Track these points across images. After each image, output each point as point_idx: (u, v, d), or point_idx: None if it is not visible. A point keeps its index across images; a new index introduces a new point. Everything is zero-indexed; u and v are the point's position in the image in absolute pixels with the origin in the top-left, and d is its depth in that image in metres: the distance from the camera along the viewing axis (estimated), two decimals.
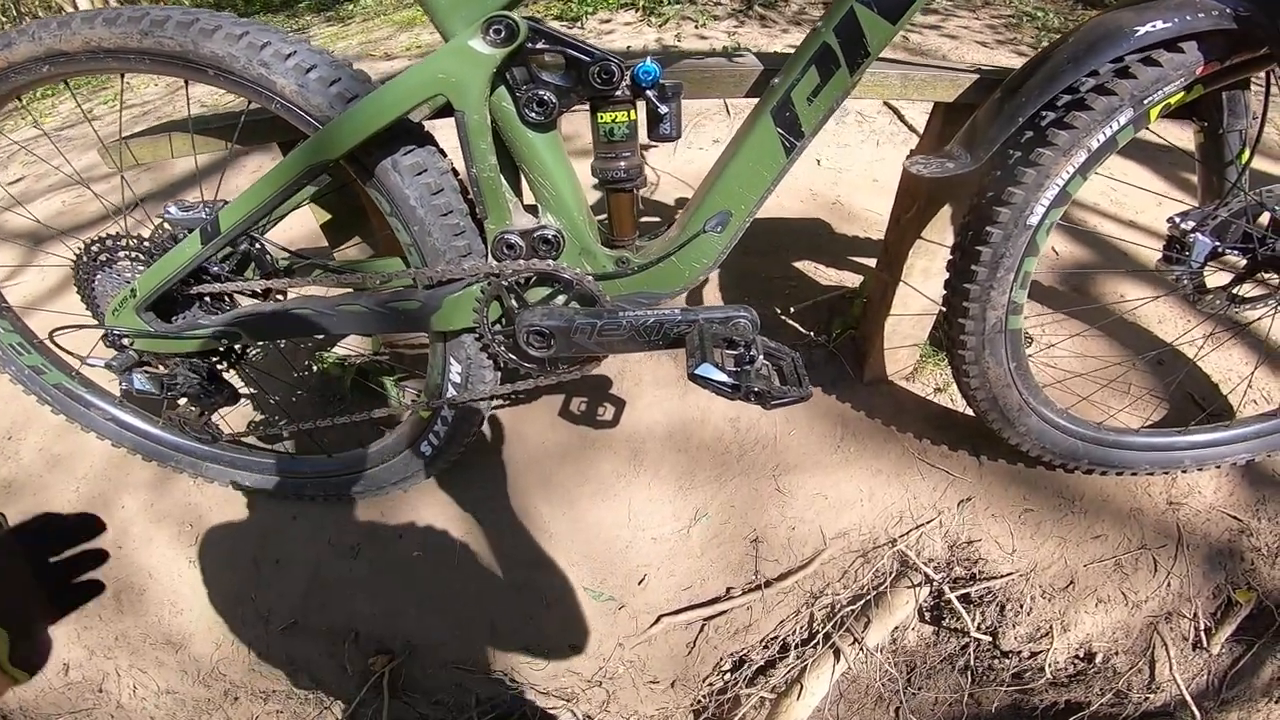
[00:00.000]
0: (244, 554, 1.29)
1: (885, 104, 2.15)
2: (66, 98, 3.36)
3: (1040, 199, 0.87)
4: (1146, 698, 1.11)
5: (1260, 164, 1.69)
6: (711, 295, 1.55)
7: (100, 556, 0.54)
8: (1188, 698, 1.08)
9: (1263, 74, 0.88)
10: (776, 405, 0.78)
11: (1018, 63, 0.87)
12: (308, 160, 0.79)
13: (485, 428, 1.36)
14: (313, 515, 1.32)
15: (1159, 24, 0.78)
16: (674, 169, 1.96)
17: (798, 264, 1.61)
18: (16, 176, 2.46)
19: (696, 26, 2.78)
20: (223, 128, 0.95)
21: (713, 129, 2.15)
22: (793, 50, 0.81)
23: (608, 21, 2.93)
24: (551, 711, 1.18)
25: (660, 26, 2.82)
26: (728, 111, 2.17)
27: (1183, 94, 0.83)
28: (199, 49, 0.78)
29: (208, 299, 1.02)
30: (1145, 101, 0.82)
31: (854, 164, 1.93)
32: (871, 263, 1.59)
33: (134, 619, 1.26)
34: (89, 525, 0.54)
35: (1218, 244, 0.96)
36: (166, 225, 1.01)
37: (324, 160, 0.79)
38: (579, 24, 2.93)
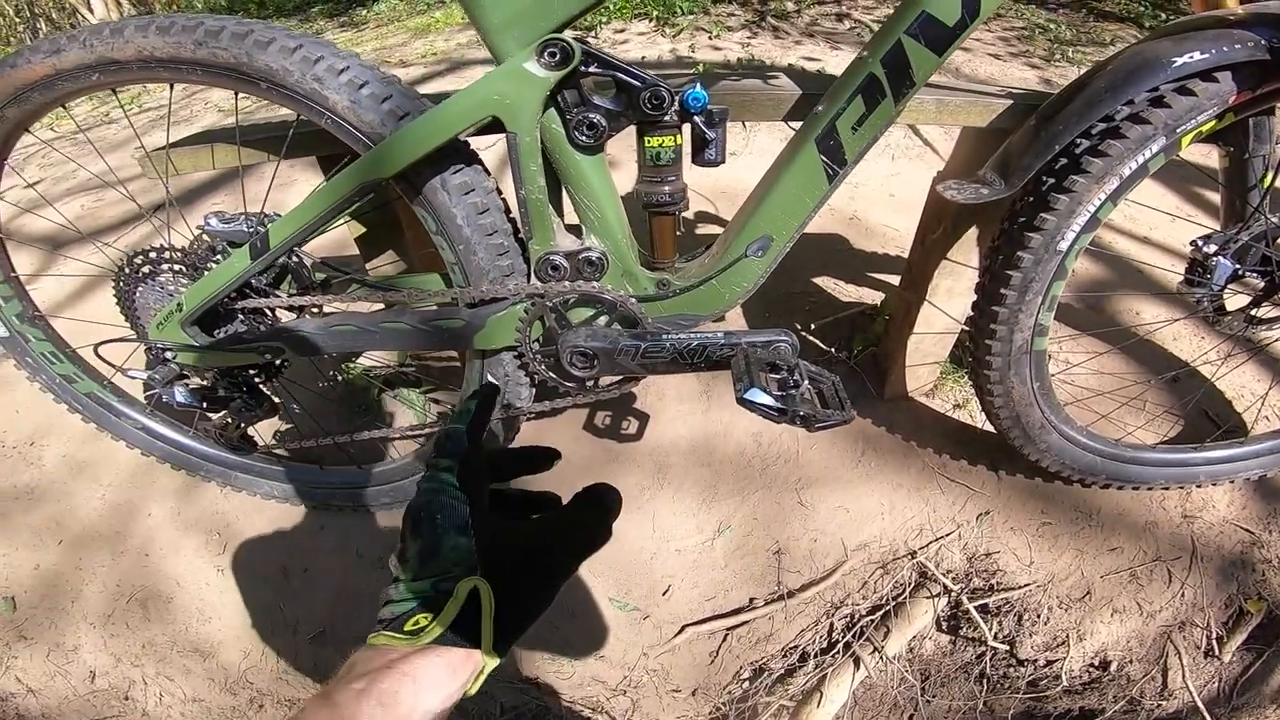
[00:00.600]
0: (272, 563, 1.30)
1: None
2: (77, 101, 3.34)
3: (1071, 225, 0.89)
4: (1159, 704, 1.13)
5: None
6: (732, 312, 1.57)
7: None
8: (1200, 704, 1.10)
9: None
10: (821, 428, 0.79)
11: (1030, 76, 0.89)
12: (361, 178, 0.81)
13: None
14: (340, 525, 1.32)
15: (1196, 55, 0.80)
16: (690, 181, 1.97)
17: (817, 280, 1.63)
18: (35, 179, 2.45)
19: (710, 38, 2.80)
20: (268, 139, 0.96)
21: (730, 143, 2.16)
22: (807, 61, 0.83)
23: (622, 32, 2.95)
24: (580, 717, 1.20)
25: (674, 37, 2.84)
26: (744, 124, 2.19)
27: (1214, 122, 0.85)
28: (253, 61, 0.79)
29: (249, 313, 1.03)
30: (1178, 130, 0.84)
31: (870, 179, 1.96)
32: (889, 279, 1.61)
33: (161, 627, 1.26)
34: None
35: (1238, 267, 0.98)
36: (206, 237, 1.02)
37: (377, 178, 0.80)
38: (593, 34, 2.95)
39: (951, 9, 0.72)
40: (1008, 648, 1.21)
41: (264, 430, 1.41)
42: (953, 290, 1.18)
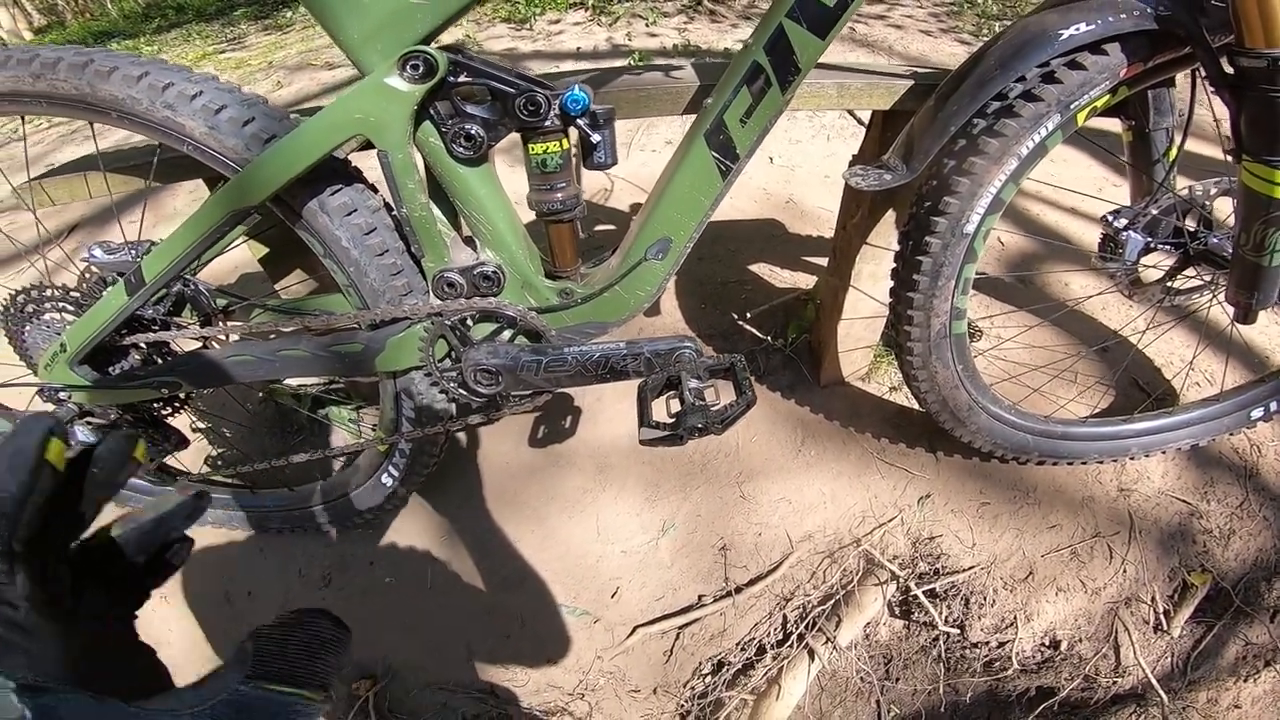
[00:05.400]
0: (214, 588, 1.28)
1: None
2: None
3: (975, 207, 0.88)
4: (1115, 681, 1.14)
5: (1201, 149, 1.73)
6: (668, 302, 1.55)
7: None
8: (1153, 680, 1.10)
9: (1186, 73, 0.89)
10: (728, 425, 0.78)
11: (960, 51, 0.87)
12: (228, 206, 0.76)
13: (450, 449, 1.35)
14: (280, 547, 1.31)
15: (1083, 26, 0.78)
16: (628, 173, 1.94)
17: (752, 267, 1.61)
18: None
19: (647, 25, 2.75)
20: (139, 165, 0.91)
21: (665, 130, 2.13)
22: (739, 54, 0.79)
23: (557, 22, 2.88)
24: None
25: (610, 26, 2.78)
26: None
27: (1108, 97, 0.83)
28: (96, 91, 0.74)
29: (145, 347, 0.99)
30: (1072, 106, 0.83)
31: (806, 160, 1.94)
32: (825, 262, 1.60)
33: None
34: None
35: (1150, 240, 0.98)
36: (94, 269, 0.98)
37: (245, 206, 0.76)
38: (527, 25, 2.88)
39: None
40: (959, 631, 1.21)
41: (193, 456, 1.37)
42: (876, 274, 1.16)
